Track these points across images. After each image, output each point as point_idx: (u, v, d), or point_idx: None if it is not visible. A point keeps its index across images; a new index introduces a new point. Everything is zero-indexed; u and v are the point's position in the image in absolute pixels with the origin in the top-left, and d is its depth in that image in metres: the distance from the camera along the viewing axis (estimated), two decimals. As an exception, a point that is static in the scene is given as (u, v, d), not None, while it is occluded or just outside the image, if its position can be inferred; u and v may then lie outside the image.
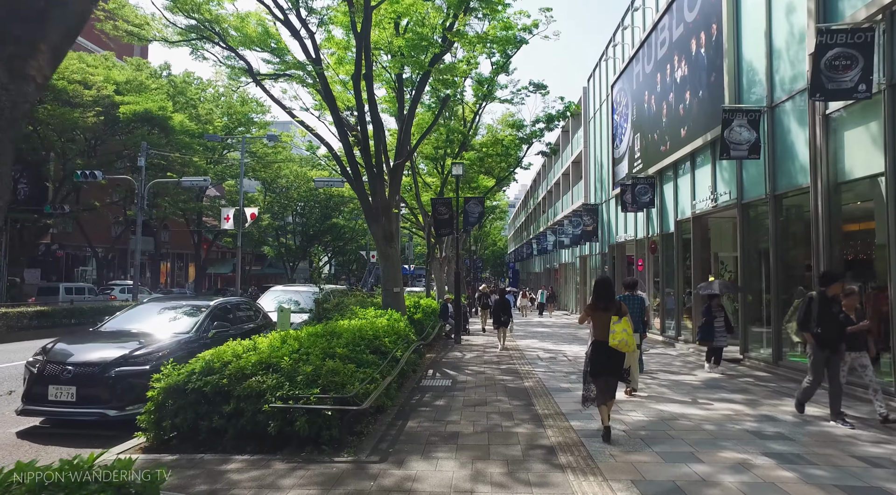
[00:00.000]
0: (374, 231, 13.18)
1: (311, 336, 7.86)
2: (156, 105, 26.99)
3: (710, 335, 11.04)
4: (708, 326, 11.04)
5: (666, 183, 17.76)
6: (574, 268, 33.13)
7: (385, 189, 13.19)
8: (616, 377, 6.23)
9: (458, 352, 14.27)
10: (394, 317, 11.62)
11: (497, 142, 20.30)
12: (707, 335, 11.08)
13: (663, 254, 17.95)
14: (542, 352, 14.20)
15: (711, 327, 11.01)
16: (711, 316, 11.06)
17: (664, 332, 17.66)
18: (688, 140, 15.24)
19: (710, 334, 11.05)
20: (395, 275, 13.20)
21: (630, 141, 21.00)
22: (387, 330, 9.84)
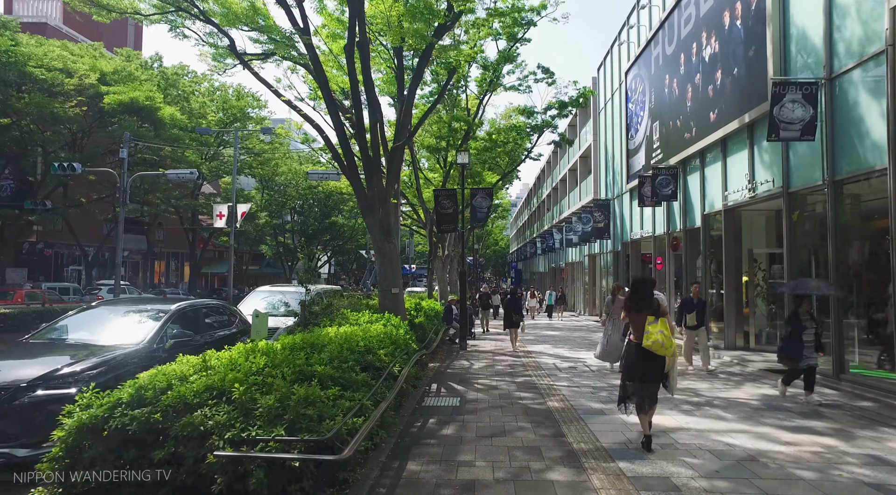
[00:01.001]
0: (370, 224, 11.54)
1: (286, 349, 6.22)
2: (143, 95, 25.34)
3: (796, 351, 8.07)
4: (794, 340, 8.10)
5: (691, 173, 16.10)
6: (582, 268, 31.46)
7: (382, 177, 11.55)
8: (655, 381, 5.86)
9: (465, 361, 12.62)
10: (392, 323, 9.98)
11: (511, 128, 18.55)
12: (792, 351, 8.11)
13: (687, 251, 16.29)
14: (559, 361, 12.54)
15: (799, 341, 8.06)
16: (799, 325, 8.11)
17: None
18: (719, 124, 13.59)
19: (796, 350, 8.07)
20: (394, 275, 11.56)
21: (647, 130, 19.35)
22: (382, 339, 8.20)
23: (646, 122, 19.54)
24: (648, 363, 5.76)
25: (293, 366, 5.62)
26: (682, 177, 16.55)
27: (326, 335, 7.37)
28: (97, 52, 28.00)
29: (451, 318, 16.00)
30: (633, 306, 5.94)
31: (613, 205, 24.19)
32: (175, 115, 28.12)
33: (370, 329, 8.72)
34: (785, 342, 8.32)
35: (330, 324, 9.41)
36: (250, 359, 5.55)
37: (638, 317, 5.88)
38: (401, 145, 11.64)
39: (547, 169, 45.29)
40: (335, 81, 15.37)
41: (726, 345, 13.51)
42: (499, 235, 75.93)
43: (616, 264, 24.02)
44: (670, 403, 7.94)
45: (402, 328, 10.05)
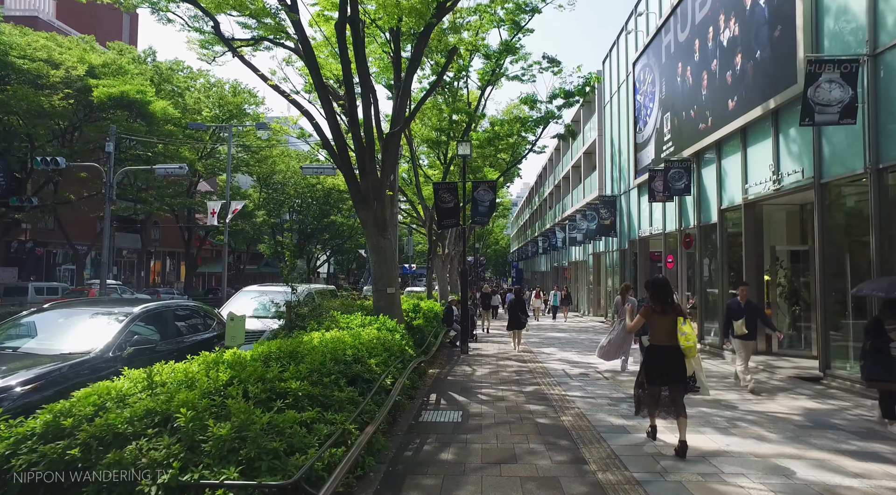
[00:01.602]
0: (364, 218, 10.56)
1: (257, 360, 5.24)
2: (133, 88, 24.35)
3: (887, 370, 6.48)
4: (882, 355, 6.56)
5: (705, 166, 15.10)
6: (586, 267, 30.47)
7: (377, 166, 10.56)
8: (680, 383, 5.66)
9: (467, 366, 11.63)
10: (386, 326, 9.01)
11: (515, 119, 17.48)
12: (882, 369, 6.53)
13: (702, 248, 15.30)
14: (569, 366, 11.55)
15: (891, 357, 6.51)
16: (886, 337, 6.55)
17: (703, 339, 15.00)
18: (739, 112, 12.59)
19: (887, 368, 6.49)
20: (389, 273, 10.58)
21: (657, 122, 18.35)
22: (374, 345, 7.23)
23: (656, 113, 18.55)
24: (674, 366, 5.62)
25: (263, 383, 4.65)
26: (695, 170, 15.56)
27: (309, 342, 6.39)
28: (87, 46, 27.02)
29: (451, 320, 15.02)
30: (658, 308, 5.75)
31: (620, 202, 23.19)
32: (167, 110, 27.13)
33: (361, 334, 7.75)
34: (869, 359, 6.69)
35: (318, 327, 8.44)
36: (211, 374, 4.57)
37: (662, 319, 5.71)
38: (397, 132, 10.65)
39: (549, 166, 44.32)
40: (328, 69, 14.40)
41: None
42: (499, 234, 74.95)
43: (623, 263, 23.02)
44: (701, 417, 6.96)
45: (397, 332, 9.09)
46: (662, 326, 5.70)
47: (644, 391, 6.00)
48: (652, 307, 5.79)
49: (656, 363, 5.74)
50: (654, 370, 5.76)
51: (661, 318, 5.71)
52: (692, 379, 5.73)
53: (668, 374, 5.64)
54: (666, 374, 5.65)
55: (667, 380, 5.67)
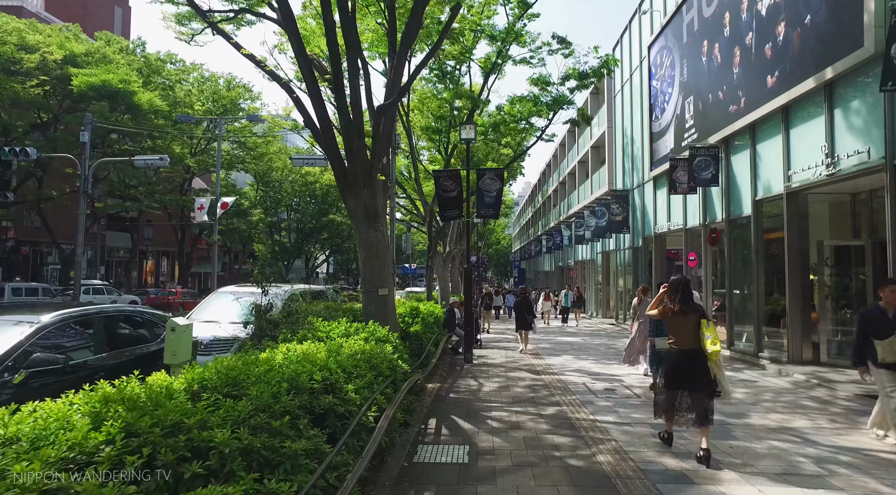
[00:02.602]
0: (351, 206, 8.91)
1: (178, 396, 3.58)
2: (117, 77, 22.71)
3: None
4: None
5: (736, 153, 13.45)
6: (594, 266, 28.81)
7: (366, 145, 8.91)
8: (704, 390, 5.25)
9: (472, 379, 9.97)
10: (376, 336, 7.35)
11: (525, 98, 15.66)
12: None
13: (731, 245, 13.64)
14: (590, 379, 9.89)
15: None
16: None
17: (733, 345, 13.34)
18: (780, 89, 10.95)
19: None
20: (381, 271, 8.92)
21: (677, 108, 16.70)
22: (357, 363, 5.60)
23: (675, 99, 16.89)
24: (696, 370, 5.32)
25: (176, 435, 3.00)
26: (723, 158, 13.91)
27: (267, 361, 4.73)
28: (71, 34, 25.40)
29: (453, 324, 13.38)
30: (679, 308, 5.41)
31: (633, 196, 21.53)
32: (154, 102, 25.50)
33: (343, 346, 6.12)
34: None
35: (291, 337, 6.81)
36: (82, 424, 2.91)
37: (683, 321, 5.40)
38: (392, 103, 9.00)
39: (553, 162, 42.66)
40: (315, 44, 12.81)
41: (791, 359, 10.86)
42: (500, 234, 73.33)
43: (636, 262, 21.36)
44: (775, 456, 5.31)
45: (389, 342, 7.43)
46: (684, 328, 5.37)
47: (661, 395, 5.66)
48: (673, 307, 5.41)
49: (677, 367, 5.40)
50: (675, 374, 5.41)
51: (682, 320, 5.38)
52: (714, 383, 5.33)
53: (689, 379, 5.32)
54: (687, 379, 5.34)
55: (688, 386, 5.35)
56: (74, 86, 21.94)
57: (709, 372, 5.30)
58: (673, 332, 5.52)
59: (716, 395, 5.36)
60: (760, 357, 11.86)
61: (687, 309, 5.40)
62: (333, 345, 6.24)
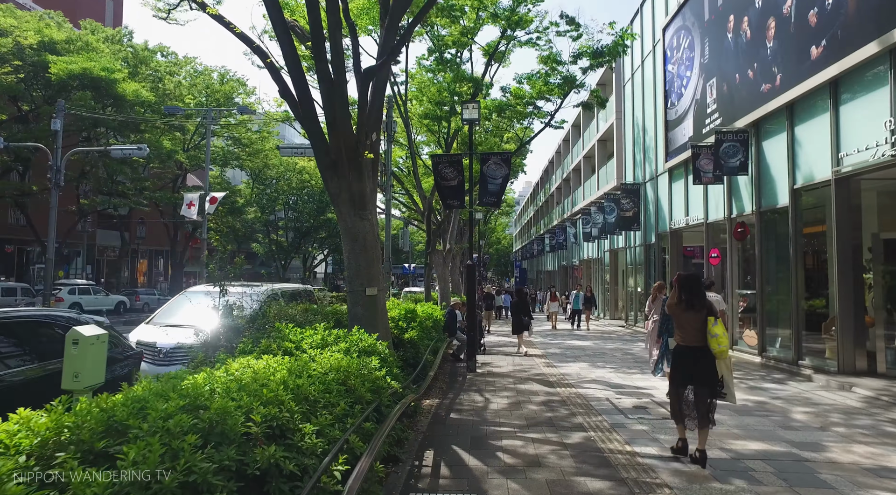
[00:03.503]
0: (333, 190, 7.45)
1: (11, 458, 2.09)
2: (98, 66, 21.23)
3: None
4: None
5: (769, 137, 11.97)
6: (601, 265, 27.32)
7: (351, 117, 7.44)
8: (708, 388, 5.00)
9: (477, 393, 8.48)
10: (360, 346, 5.91)
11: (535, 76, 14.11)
12: None
13: (762, 240, 12.16)
14: (614, 393, 8.41)
15: None
16: None
17: (765, 351, 11.86)
18: (829, 59, 9.47)
19: None
20: (369, 267, 7.45)
21: (697, 92, 15.23)
22: (330, 384, 4.16)
23: (695, 82, 15.42)
24: (702, 368, 5.03)
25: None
26: (753, 143, 12.44)
27: (187, 392, 3.25)
28: (53, 21, 23.91)
29: (454, 328, 11.90)
30: (686, 304, 5.13)
31: (645, 190, 20.05)
32: (140, 92, 24.01)
33: (315, 361, 4.68)
34: None
35: (253, 348, 5.36)
36: None
37: (690, 317, 5.11)
38: (383, 65, 7.51)
39: (556, 159, 41.19)
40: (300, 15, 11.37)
41: (841, 368, 9.38)
42: (501, 233, 71.84)
43: (648, 260, 19.88)
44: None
45: (377, 353, 5.96)
46: (690, 324, 5.15)
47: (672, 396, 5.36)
48: (679, 303, 5.20)
49: (682, 364, 5.21)
50: (680, 371, 5.23)
51: (689, 315, 5.15)
52: (720, 383, 5.07)
53: (694, 376, 5.13)
54: (691, 376, 5.15)
55: (691, 383, 5.17)
56: (52, 73, 20.47)
57: (714, 370, 5.03)
58: (679, 328, 5.25)
59: (720, 396, 5.08)
60: (801, 365, 10.38)
61: (694, 304, 5.12)
62: (301, 360, 4.79)
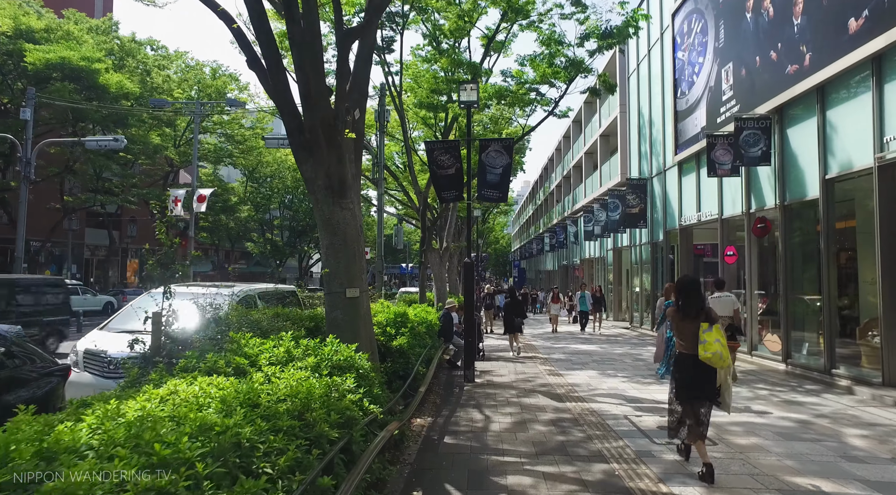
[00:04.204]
0: (308, 174, 6.34)
1: None
2: (77, 54, 20.05)
3: None
4: None
5: (796, 123, 10.86)
6: (604, 264, 26.21)
7: (329, 90, 6.31)
8: (707, 399, 4.85)
9: (476, 410, 7.35)
10: (334, 359, 4.80)
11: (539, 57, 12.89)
12: None
13: (786, 236, 11.05)
14: (630, 408, 7.29)
15: None
16: None
17: (790, 357, 10.75)
18: (873, 32, 8.37)
19: None
20: (350, 265, 6.33)
21: (711, 79, 14.13)
22: (274, 424, 2.97)
23: (708, 69, 14.31)
24: (701, 377, 4.80)
25: None
26: (777, 131, 11.33)
27: (20, 453, 2.10)
28: (31, 9, 22.73)
29: (451, 332, 10.78)
30: (684, 312, 4.96)
31: (652, 186, 18.95)
32: (124, 84, 22.83)
33: (272, 383, 3.60)
34: None
35: (195, 363, 4.24)
36: None
37: (690, 324, 4.88)
38: (367, 26, 6.40)
39: (556, 156, 40.10)
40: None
41: (888, 380, 8.26)
42: (500, 233, 70.73)
43: (655, 259, 18.77)
44: None
45: (355, 368, 4.86)
46: (690, 332, 4.89)
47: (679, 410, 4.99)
48: (683, 310, 4.97)
49: (684, 373, 4.90)
50: (682, 383, 4.93)
51: (688, 323, 4.90)
52: (717, 392, 4.83)
53: (695, 388, 4.85)
54: (692, 388, 4.86)
55: (694, 395, 4.85)
56: (28, 62, 19.29)
57: (715, 380, 4.81)
58: (679, 335, 5.03)
59: (716, 404, 4.92)
60: (835, 375, 9.27)
61: (689, 313, 4.94)
62: (252, 382, 3.67)
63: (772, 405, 7.54)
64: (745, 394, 8.26)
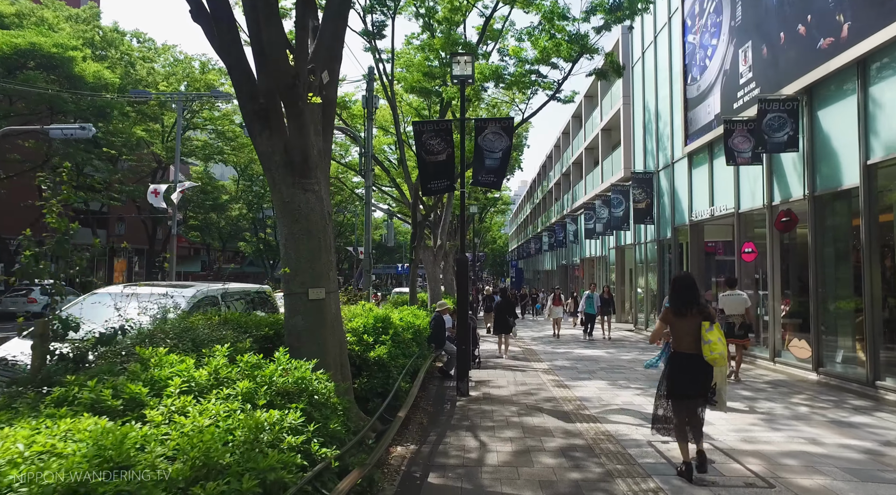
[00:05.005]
0: (263, 148, 5.13)
1: None
2: (50, 41, 18.76)
3: None
4: None
5: (829, 104, 9.64)
6: (605, 264, 25.00)
7: (288, 43, 5.07)
8: (702, 398, 4.72)
9: (469, 434, 6.11)
10: (277, 384, 3.56)
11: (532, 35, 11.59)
12: None
13: (817, 230, 9.84)
14: (658, 435, 6.05)
15: None
16: None
17: (822, 366, 9.53)
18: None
19: None
20: (314, 259, 5.11)
21: (726, 61, 12.93)
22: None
23: (723, 50, 13.12)
24: (701, 378, 4.66)
25: None
26: (805, 113, 10.12)
27: None
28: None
29: (442, 338, 9.53)
30: (679, 310, 4.75)
31: (658, 180, 17.74)
32: (102, 74, 21.52)
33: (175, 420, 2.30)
34: None
35: (76, 394, 2.98)
36: None
37: (685, 323, 4.71)
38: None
39: (555, 153, 38.90)
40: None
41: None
42: (497, 233, 69.51)
43: (662, 257, 17.56)
44: None
45: (303, 401, 3.61)
46: (686, 331, 4.69)
47: (667, 406, 4.85)
48: (679, 309, 4.74)
49: (679, 372, 4.70)
50: (677, 382, 4.70)
51: (684, 322, 4.70)
52: (712, 391, 4.74)
53: (692, 387, 4.68)
54: (688, 387, 4.68)
55: (689, 394, 4.71)
56: (-7, 49, 18.01)
57: (709, 379, 4.67)
58: (675, 335, 4.78)
59: (711, 403, 4.81)
60: (880, 388, 8.06)
61: (686, 310, 4.71)
62: (150, 419, 2.44)
63: (820, 426, 6.32)
64: (783, 412, 7.04)
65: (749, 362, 11.62)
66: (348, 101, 19.34)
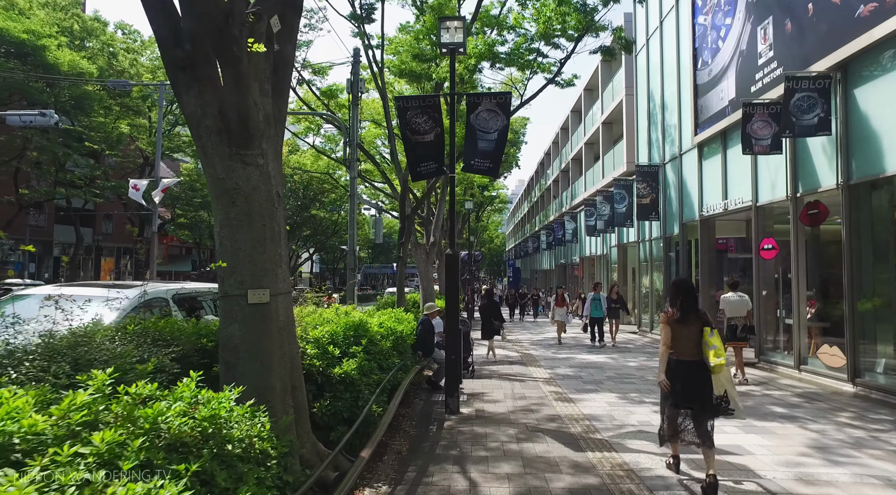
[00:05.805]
0: (191, 109, 3.96)
1: None
2: (20, 27, 17.53)
3: None
4: None
5: (867, 81, 8.49)
6: (607, 262, 23.85)
7: None
8: (708, 408, 4.38)
9: (456, 469, 4.93)
10: (172, 431, 2.32)
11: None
12: None
13: (851, 223, 8.70)
14: (685, 462, 4.88)
15: None
16: None
17: (859, 377, 8.38)
18: None
19: None
20: (256, 252, 3.95)
21: (742, 41, 11.79)
22: None
23: (738, 29, 11.98)
24: (702, 385, 4.42)
25: None
26: (838, 92, 8.98)
27: None
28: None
29: (431, 345, 8.36)
30: (680, 316, 4.54)
31: (665, 173, 16.60)
32: (78, 64, 20.29)
33: None
34: None
35: None
36: None
37: (684, 329, 4.53)
38: None
39: (553, 150, 37.77)
40: None
41: None
42: (494, 232, 68.36)
43: (668, 255, 16.42)
44: None
45: (203, 459, 2.38)
46: (685, 337, 4.51)
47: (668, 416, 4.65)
48: (673, 315, 4.56)
49: (680, 381, 4.47)
50: (678, 389, 4.47)
51: (683, 328, 4.52)
52: (724, 399, 4.41)
53: (693, 395, 4.43)
54: (690, 395, 4.44)
55: (690, 403, 4.46)
56: (-41, 33, 16.78)
57: (711, 386, 4.41)
58: (675, 341, 4.54)
59: (727, 413, 4.43)
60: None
61: (686, 316, 4.51)
62: None
63: (892, 459, 5.15)
64: (835, 436, 5.89)
65: (769, 370, 10.51)
66: (336, 90, 18.18)
